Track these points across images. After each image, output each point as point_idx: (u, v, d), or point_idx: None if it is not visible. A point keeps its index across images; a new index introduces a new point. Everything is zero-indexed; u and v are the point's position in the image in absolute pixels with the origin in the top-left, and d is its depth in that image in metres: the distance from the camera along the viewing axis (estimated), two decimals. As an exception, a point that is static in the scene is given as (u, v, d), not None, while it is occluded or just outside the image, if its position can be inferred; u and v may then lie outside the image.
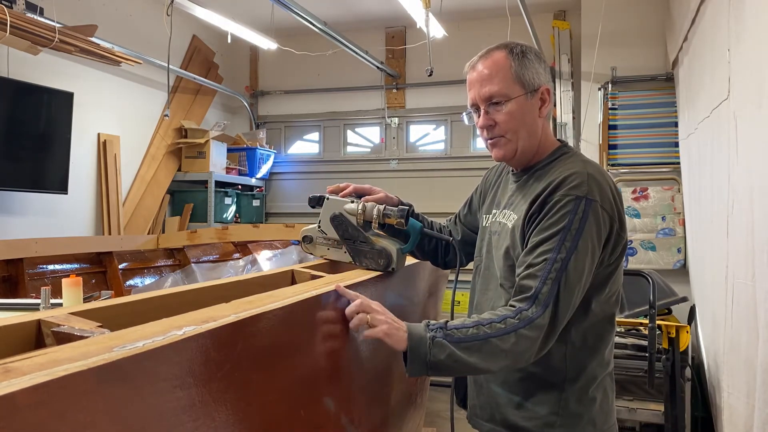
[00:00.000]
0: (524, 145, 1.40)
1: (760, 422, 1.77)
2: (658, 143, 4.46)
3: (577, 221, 1.26)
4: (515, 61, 1.37)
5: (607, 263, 1.33)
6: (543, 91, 1.39)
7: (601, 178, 1.32)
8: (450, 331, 1.20)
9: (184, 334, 0.76)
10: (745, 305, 1.98)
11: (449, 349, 1.17)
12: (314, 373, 1.16)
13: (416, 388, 1.99)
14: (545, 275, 1.23)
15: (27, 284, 3.17)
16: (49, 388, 0.57)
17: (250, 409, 0.91)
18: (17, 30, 3.12)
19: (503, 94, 1.36)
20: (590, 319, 1.34)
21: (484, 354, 1.18)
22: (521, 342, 1.19)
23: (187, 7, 4.02)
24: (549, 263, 1.24)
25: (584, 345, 1.35)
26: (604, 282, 1.34)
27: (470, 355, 1.18)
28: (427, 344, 1.18)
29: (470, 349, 1.18)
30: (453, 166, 5.52)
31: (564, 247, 1.24)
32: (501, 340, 1.18)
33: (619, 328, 3.40)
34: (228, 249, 4.42)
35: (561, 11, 5.14)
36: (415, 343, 1.18)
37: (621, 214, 1.33)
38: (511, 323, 1.20)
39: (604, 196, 1.29)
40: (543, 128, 1.43)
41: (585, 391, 1.35)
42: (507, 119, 1.37)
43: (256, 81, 6.16)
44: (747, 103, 2.03)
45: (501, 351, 1.18)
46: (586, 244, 1.25)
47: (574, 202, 1.27)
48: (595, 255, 1.28)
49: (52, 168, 3.94)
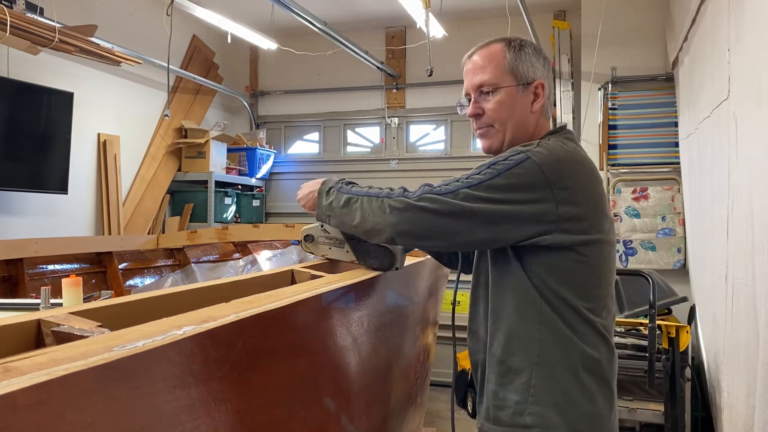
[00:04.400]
0: (512, 137, 1.36)
1: (760, 422, 1.77)
2: (658, 143, 4.45)
3: (500, 164, 1.23)
4: (510, 53, 1.36)
5: (560, 243, 1.23)
6: (537, 85, 1.36)
7: (561, 150, 1.27)
8: (350, 185, 1.38)
9: (183, 334, 0.76)
10: (745, 305, 1.98)
11: (335, 196, 1.37)
12: (314, 373, 1.16)
13: (416, 388, 1.99)
14: (440, 184, 1.25)
15: (27, 284, 3.17)
16: (49, 388, 0.57)
17: (250, 409, 0.91)
18: (17, 30, 3.12)
19: (493, 83, 1.35)
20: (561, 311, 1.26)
21: (349, 208, 1.32)
22: (379, 208, 1.26)
23: (187, 7, 4.02)
24: (451, 180, 1.25)
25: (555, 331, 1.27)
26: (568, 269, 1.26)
27: (343, 208, 1.34)
28: (326, 190, 1.40)
29: (348, 202, 1.33)
30: (453, 166, 5.51)
31: (473, 177, 1.23)
32: (368, 200, 1.29)
33: (619, 328, 3.40)
34: (228, 249, 4.42)
35: (561, 11, 5.14)
36: (321, 189, 1.42)
37: (569, 188, 1.23)
38: (387, 191, 1.28)
39: (548, 160, 1.22)
40: (537, 124, 1.38)
41: (557, 380, 1.26)
42: (495, 108, 1.35)
43: (256, 81, 6.16)
44: (747, 103, 2.03)
45: (361, 209, 1.29)
46: (498, 189, 1.21)
47: (511, 151, 1.26)
48: (501, 203, 1.20)
49: (52, 168, 3.94)
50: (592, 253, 1.28)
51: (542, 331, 1.27)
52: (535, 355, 1.28)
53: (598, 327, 1.30)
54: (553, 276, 1.27)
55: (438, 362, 2.91)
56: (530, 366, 1.28)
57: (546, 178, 1.21)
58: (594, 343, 1.29)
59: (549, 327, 1.27)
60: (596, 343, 1.30)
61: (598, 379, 1.29)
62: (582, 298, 1.28)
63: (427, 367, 2.14)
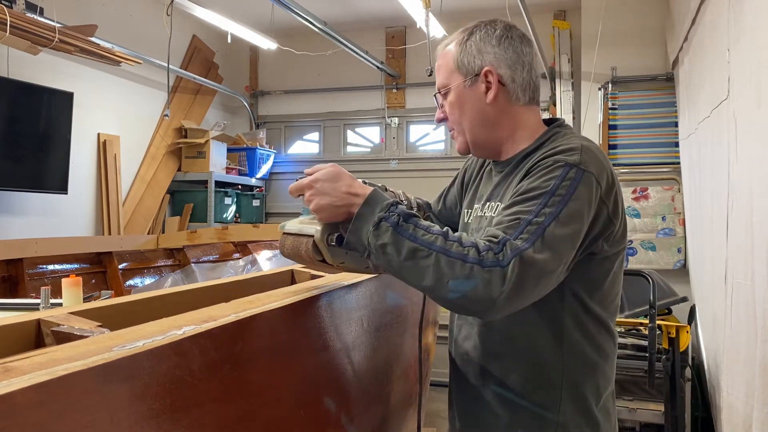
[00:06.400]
0: (475, 136, 1.26)
1: (759, 422, 1.77)
2: (658, 143, 4.45)
3: (564, 188, 1.05)
4: (458, 47, 1.25)
5: (601, 254, 1.14)
6: (485, 73, 1.21)
7: (600, 154, 1.15)
8: (409, 224, 1.02)
9: (183, 334, 0.76)
10: (745, 305, 1.98)
11: (392, 239, 1.01)
12: (314, 373, 1.16)
13: (416, 388, 1.99)
14: (516, 234, 1.01)
15: (27, 284, 3.17)
16: (49, 388, 0.57)
17: (250, 409, 0.91)
18: (17, 30, 3.12)
19: (443, 84, 1.27)
20: (587, 326, 1.17)
21: (416, 262, 0.99)
22: (466, 278, 0.96)
23: (187, 7, 4.02)
24: (523, 224, 1.02)
25: (583, 357, 1.17)
26: (599, 279, 1.17)
27: (404, 258, 1.00)
28: (374, 222, 1.03)
29: (415, 253, 1.00)
30: (453, 166, 5.51)
31: (543, 212, 1.03)
32: (447, 262, 0.97)
33: (619, 328, 3.40)
34: (228, 249, 4.42)
35: (561, 11, 5.14)
36: (362, 213, 1.05)
37: (617, 198, 1.14)
38: (473, 254, 0.97)
39: (600, 170, 1.10)
40: (512, 115, 1.24)
41: (587, 413, 1.17)
42: (450, 110, 1.27)
43: (256, 81, 6.16)
44: (746, 103, 2.03)
45: (436, 271, 0.98)
46: (572, 216, 1.04)
47: (563, 168, 1.08)
48: (579, 234, 1.06)
49: (52, 168, 3.94)
50: (618, 262, 1.20)
51: (567, 358, 1.16)
52: (562, 389, 1.16)
53: (617, 341, 1.25)
54: (585, 289, 1.16)
55: (438, 362, 2.90)
56: (557, 401, 1.16)
57: (600, 190, 1.10)
58: (613, 362, 1.23)
59: (577, 352, 1.17)
60: (614, 361, 1.24)
61: (614, 400, 1.26)
62: (606, 309, 1.20)
63: (427, 367, 2.14)
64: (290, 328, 1.06)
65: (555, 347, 1.16)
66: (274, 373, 0.99)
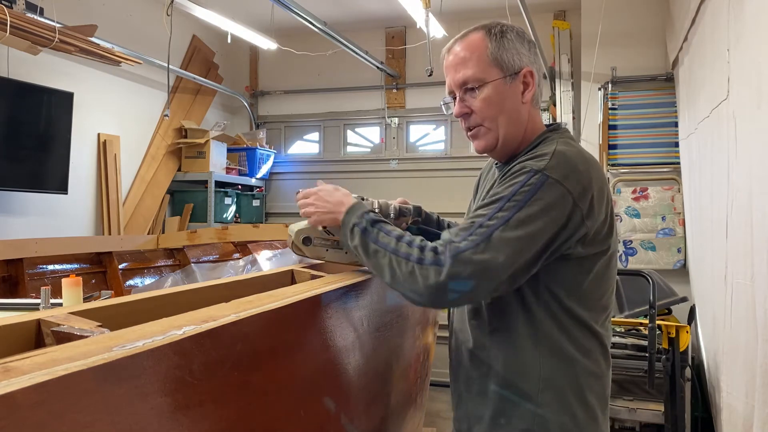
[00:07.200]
0: (506, 133, 1.26)
1: (759, 422, 1.77)
2: (658, 143, 4.46)
3: (522, 193, 1.12)
4: (492, 42, 1.24)
5: (576, 256, 1.17)
6: (525, 73, 1.25)
7: (577, 157, 1.18)
8: (375, 228, 1.21)
9: (183, 334, 0.76)
10: (745, 305, 1.98)
11: (360, 240, 1.22)
12: (314, 372, 1.16)
13: (416, 388, 1.99)
14: (465, 235, 1.11)
15: (27, 284, 3.17)
16: (49, 388, 0.57)
17: (250, 409, 0.91)
18: (17, 30, 3.12)
19: (478, 78, 1.24)
20: (563, 322, 1.20)
21: (377, 261, 1.18)
22: (410, 274, 1.11)
23: (187, 7, 4.02)
24: (474, 227, 1.11)
25: (560, 352, 1.21)
26: (578, 279, 1.20)
27: (369, 257, 1.20)
28: (350, 227, 1.25)
29: (375, 253, 1.19)
30: (453, 166, 5.52)
31: (496, 216, 1.11)
32: (397, 261, 1.14)
33: (619, 328, 3.40)
34: (228, 249, 4.42)
35: (561, 11, 5.14)
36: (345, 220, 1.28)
37: (594, 202, 1.15)
38: (417, 254, 1.12)
39: (569, 175, 1.13)
40: (530, 115, 1.28)
41: (565, 404, 1.21)
42: (483, 106, 1.25)
43: (256, 81, 6.16)
44: (746, 102, 2.03)
45: (390, 268, 1.15)
46: (525, 220, 1.10)
47: (527, 174, 1.14)
48: (535, 237, 1.11)
49: (52, 168, 3.94)
50: (602, 263, 1.22)
51: (543, 350, 1.21)
52: (540, 379, 1.21)
53: (602, 340, 1.26)
54: (562, 288, 1.20)
55: (438, 362, 2.91)
56: (535, 392, 1.21)
57: (570, 194, 1.13)
58: (597, 358, 1.25)
59: (554, 346, 1.21)
60: (599, 358, 1.25)
61: (600, 396, 1.26)
62: (588, 308, 1.22)
63: (427, 367, 2.14)
64: (290, 328, 1.06)
65: (531, 340, 1.22)
66: (274, 373, 0.99)
